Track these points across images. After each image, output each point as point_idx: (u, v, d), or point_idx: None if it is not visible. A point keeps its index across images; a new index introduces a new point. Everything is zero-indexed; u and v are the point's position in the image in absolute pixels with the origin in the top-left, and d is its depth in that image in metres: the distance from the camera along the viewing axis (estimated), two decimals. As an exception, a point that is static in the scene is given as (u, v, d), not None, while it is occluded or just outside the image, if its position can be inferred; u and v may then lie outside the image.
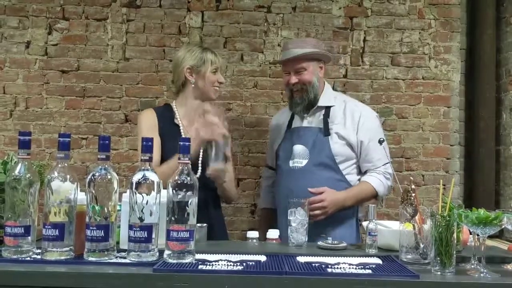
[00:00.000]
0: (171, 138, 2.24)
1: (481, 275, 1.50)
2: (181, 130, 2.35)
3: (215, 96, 2.41)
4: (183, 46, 2.82)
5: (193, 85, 2.35)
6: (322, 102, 2.53)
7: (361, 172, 2.50)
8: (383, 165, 2.43)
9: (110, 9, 3.30)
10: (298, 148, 2.47)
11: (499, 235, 3.06)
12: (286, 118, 2.64)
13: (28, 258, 1.54)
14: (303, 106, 2.50)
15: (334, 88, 2.77)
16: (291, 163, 2.47)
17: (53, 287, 1.41)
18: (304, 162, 2.44)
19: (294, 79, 2.49)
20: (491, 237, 1.83)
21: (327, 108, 2.51)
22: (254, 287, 1.43)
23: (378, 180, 2.43)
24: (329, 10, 3.36)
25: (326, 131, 2.46)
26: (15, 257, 1.53)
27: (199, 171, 2.28)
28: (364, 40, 3.37)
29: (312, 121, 2.53)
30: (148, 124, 2.36)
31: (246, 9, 3.34)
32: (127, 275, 1.43)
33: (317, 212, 2.25)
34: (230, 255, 1.68)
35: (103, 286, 1.41)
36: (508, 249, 2.00)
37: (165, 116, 2.39)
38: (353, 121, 2.46)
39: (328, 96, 2.55)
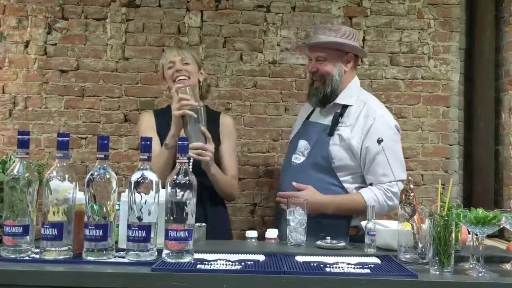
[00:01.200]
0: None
1: (480, 274, 1.49)
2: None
3: (179, 85, 2.33)
4: None
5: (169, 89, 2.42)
6: (340, 99, 2.34)
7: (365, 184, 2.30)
8: (388, 182, 2.22)
9: (109, 9, 3.29)
10: (302, 143, 2.38)
11: (498, 234, 3.06)
12: (309, 108, 2.50)
13: (27, 258, 1.54)
14: (318, 99, 2.35)
15: None
16: (292, 158, 2.39)
17: (52, 287, 1.41)
18: (302, 159, 2.34)
19: (312, 67, 2.34)
20: (490, 236, 1.84)
21: (344, 107, 2.33)
22: (253, 287, 1.43)
23: (373, 194, 2.21)
24: (328, 10, 3.36)
25: (331, 130, 2.29)
26: (13, 256, 1.53)
27: (190, 165, 2.27)
28: (364, 40, 3.37)
29: (327, 117, 2.37)
30: (145, 125, 2.43)
31: (246, 9, 3.34)
32: (125, 275, 1.43)
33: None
34: (229, 254, 1.68)
35: (101, 285, 1.41)
36: (507, 249, 2.00)
37: (163, 117, 2.41)
38: (364, 125, 2.26)
39: (349, 94, 2.35)
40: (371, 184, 2.28)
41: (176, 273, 1.43)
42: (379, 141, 2.06)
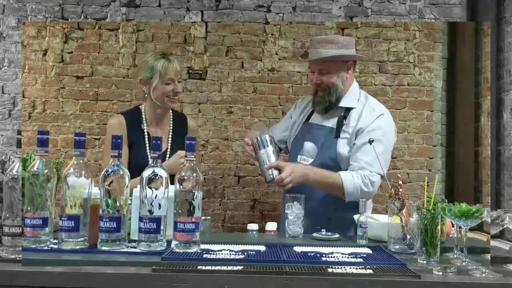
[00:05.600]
0: (137, 146, 2.21)
1: (483, 275, 1.40)
2: (146, 138, 2.25)
3: (173, 105, 2.29)
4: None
5: (146, 95, 2.26)
6: (344, 102, 2.24)
7: None
8: (370, 172, 2.09)
9: (109, 9, 3.20)
10: (308, 145, 2.25)
11: (500, 235, 2.85)
12: (308, 109, 2.37)
13: (46, 247, 1.52)
14: (323, 107, 2.24)
15: None
16: (298, 158, 2.25)
17: (70, 272, 1.38)
18: (310, 160, 2.21)
19: (316, 80, 2.21)
20: (493, 236, 1.79)
21: (347, 109, 2.23)
22: (254, 278, 1.35)
23: (350, 176, 2.08)
24: (329, 10, 3.27)
25: (337, 132, 2.20)
26: (34, 246, 1.51)
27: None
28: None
29: (330, 119, 2.26)
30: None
31: (247, 21, 3.33)
32: (137, 263, 1.41)
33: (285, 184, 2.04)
34: (232, 245, 1.66)
35: (113, 274, 1.38)
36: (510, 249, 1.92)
37: (134, 122, 2.28)
38: (366, 122, 2.17)
39: (352, 97, 2.26)
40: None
41: (184, 261, 1.42)
42: (370, 142, 2.01)
